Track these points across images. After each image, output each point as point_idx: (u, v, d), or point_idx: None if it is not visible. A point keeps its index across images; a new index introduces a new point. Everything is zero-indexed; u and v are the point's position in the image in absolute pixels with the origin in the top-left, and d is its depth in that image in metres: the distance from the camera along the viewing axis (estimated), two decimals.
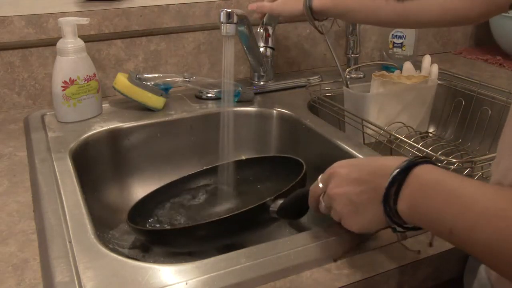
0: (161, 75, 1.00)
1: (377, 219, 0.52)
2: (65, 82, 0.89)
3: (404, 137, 0.84)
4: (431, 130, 1.15)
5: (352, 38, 1.19)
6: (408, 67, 1.03)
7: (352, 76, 1.19)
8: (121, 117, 0.95)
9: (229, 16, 0.84)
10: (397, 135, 0.85)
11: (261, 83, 1.11)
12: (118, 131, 0.92)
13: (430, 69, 1.03)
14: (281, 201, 0.67)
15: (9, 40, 0.96)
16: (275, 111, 1.01)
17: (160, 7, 1.06)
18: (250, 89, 1.05)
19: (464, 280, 0.61)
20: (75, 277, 0.53)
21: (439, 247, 0.58)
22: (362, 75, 1.19)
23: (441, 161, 0.74)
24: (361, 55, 1.24)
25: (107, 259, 0.56)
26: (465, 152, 1.03)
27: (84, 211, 0.65)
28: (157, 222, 0.82)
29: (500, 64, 1.29)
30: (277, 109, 1.01)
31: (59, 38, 0.90)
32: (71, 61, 0.89)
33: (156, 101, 0.96)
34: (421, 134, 1.04)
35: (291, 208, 0.66)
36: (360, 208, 0.53)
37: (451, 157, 0.77)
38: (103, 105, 0.98)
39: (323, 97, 0.99)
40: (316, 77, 1.16)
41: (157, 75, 1.00)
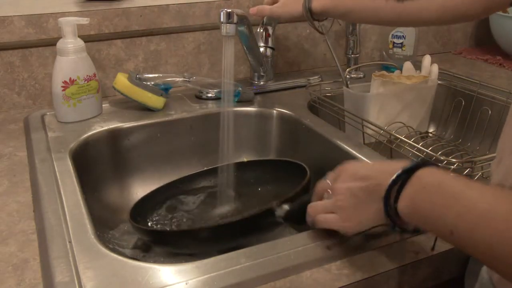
0: (161, 75, 1.00)
1: (375, 216, 0.52)
2: (65, 82, 0.89)
3: (404, 137, 0.84)
4: (431, 130, 1.15)
5: (352, 38, 1.19)
6: (408, 67, 1.03)
7: (352, 76, 1.19)
8: (121, 117, 0.95)
9: (229, 16, 0.84)
10: (397, 135, 0.85)
11: (261, 83, 1.11)
12: (118, 131, 0.92)
13: (430, 69, 1.03)
14: (287, 206, 0.67)
15: (9, 40, 0.96)
16: (275, 111, 1.01)
17: (160, 7, 1.06)
18: (250, 89, 1.05)
19: (465, 281, 0.61)
20: (75, 277, 0.53)
21: (439, 247, 0.58)
22: (362, 75, 1.19)
23: (441, 161, 0.74)
24: (361, 55, 1.24)
25: (107, 259, 0.56)
26: (465, 152, 1.03)
27: (84, 211, 0.65)
28: (157, 222, 0.82)
29: (500, 64, 1.29)
30: (277, 109, 1.01)
31: (59, 38, 0.90)
32: (71, 61, 0.89)
33: (156, 101, 0.96)
34: (421, 134, 1.04)
35: (298, 213, 0.65)
36: (361, 202, 0.53)
37: (451, 157, 0.77)
38: (103, 105, 0.98)
39: (323, 97, 0.99)
40: (316, 77, 1.16)
41: (157, 75, 1.00)
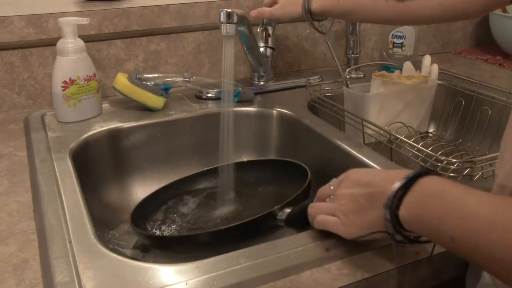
0: (161, 75, 1.00)
1: (376, 223, 0.52)
2: (65, 82, 0.89)
3: (404, 137, 0.84)
4: (431, 130, 1.15)
5: (352, 38, 1.19)
6: (408, 67, 1.03)
7: (352, 76, 1.19)
8: (121, 117, 0.95)
9: (229, 16, 0.84)
10: (397, 135, 0.85)
11: (261, 83, 1.11)
12: (118, 131, 0.92)
13: (430, 69, 1.03)
14: (288, 210, 0.67)
15: (9, 40, 0.96)
16: (275, 111, 1.01)
17: (160, 7, 1.06)
18: (250, 89, 1.05)
19: (466, 281, 0.61)
20: (75, 277, 0.53)
21: (439, 247, 0.58)
22: (362, 75, 1.19)
23: (441, 161, 0.74)
24: (361, 55, 1.24)
25: (107, 259, 0.56)
26: (465, 152, 1.03)
27: (84, 211, 0.65)
28: (158, 224, 0.82)
29: (500, 64, 1.29)
30: (277, 109, 1.01)
31: (59, 38, 0.90)
32: (71, 61, 0.89)
33: (156, 101, 0.96)
34: (421, 134, 1.04)
35: (299, 217, 0.65)
36: (362, 208, 0.53)
37: (451, 157, 0.77)
38: (103, 105, 0.98)
39: (323, 97, 0.99)
40: (316, 77, 1.16)
41: (157, 75, 1.00)
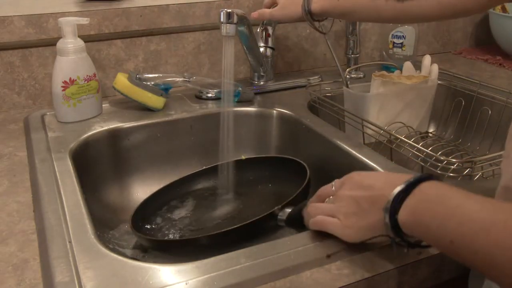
0: (161, 75, 1.00)
1: (375, 226, 0.53)
2: (65, 82, 0.89)
3: (404, 137, 0.84)
4: (431, 130, 1.15)
5: (352, 38, 1.19)
6: (408, 67, 1.03)
7: (352, 76, 1.19)
8: (121, 117, 0.95)
9: (229, 16, 0.84)
10: (397, 135, 0.85)
11: (261, 83, 1.11)
12: (118, 131, 0.92)
13: (430, 69, 1.03)
14: (289, 210, 0.67)
15: (9, 40, 0.96)
16: (275, 111, 1.01)
17: (160, 7, 1.06)
18: (250, 89, 1.05)
19: (469, 283, 0.61)
20: (75, 277, 0.53)
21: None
22: (362, 75, 1.19)
23: (441, 161, 0.74)
24: (361, 55, 1.24)
25: (107, 259, 0.56)
26: (465, 152, 1.03)
27: (84, 211, 0.65)
28: (158, 226, 0.82)
29: (500, 64, 1.29)
30: (277, 109, 1.01)
31: (59, 38, 0.90)
32: (71, 61, 0.89)
33: (156, 101, 0.96)
34: (421, 134, 1.04)
35: (300, 217, 0.64)
36: (362, 211, 0.54)
37: (451, 157, 0.77)
38: (103, 105, 0.98)
39: (323, 97, 0.99)
40: (316, 77, 1.16)
41: (157, 75, 1.00)
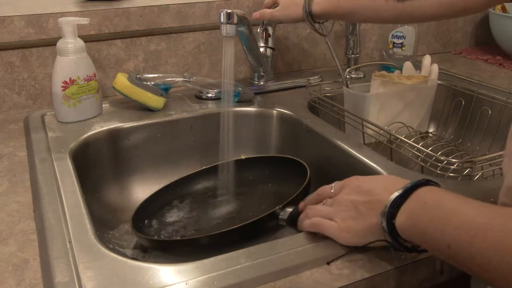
0: (161, 75, 1.00)
1: (372, 230, 0.53)
2: (65, 82, 0.89)
3: (404, 137, 0.84)
4: (431, 130, 1.15)
5: (352, 38, 1.19)
6: (408, 67, 1.03)
7: (352, 76, 1.19)
8: (121, 117, 0.95)
9: (229, 16, 0.84)
10: (397, 135, 0.85)
11: (261, 83, 1.11)
12: (118, 131, 0.92)
13: (430, 69, 1.03)
14: (290, 209, 0.67)
15: (9, 40, 0.96)
16: (275, 111, 1.01)
17: (160, 7, 1.06)
18: (250, 89, 1.05)
19: (471, 286, 0.60)
20: (75, 277, 0.53)
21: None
22: (362, 75, 1.19)
23: (441, 161, 0.74)
24: (361, 55, 1.24)
25: (107, 259, 0.56)
26: (465, 152, 1.03)
27: (84, 211, 0.65)
28: (159, 226, 0.82)
29: (500, 64, 1.29)
30: (277, 109, 1.01)
31: (59, 38, 0.90)
32: (71, 61, 0.89)
33: (156, 101, 0.96)
34: (421, 134, 1.04)
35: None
36: (360, 215, 0.54)
37: (451, 157, 0.77)
38: (103, 105, 0.98)
39: (323, 97, 0.99)
40: (316, 77, 1.16)
41: (157, 75, 1.00)
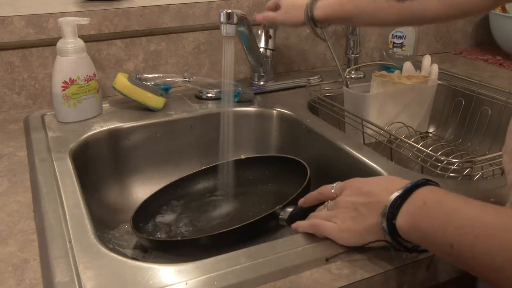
0: (161, 75, 1.00)
1: (372, 230, 0.53)
2: (65, 82, 0.89)
3: (404, 137, 0.84)
4: (431, 130, 1.15)
5: (352, 38, 1.19)
6: (408, 67, 1.03)
7: (352, 76, 1.19)
8: (121, 117, 0.95)
9: (229, 16, 0.84)
10: (397, 135, 0.85)
11: (261, 83, 1.11)
12: (118, 131, 0.92)
13: (430, 69, 1.03)
14: (290, 209, 0.67)
15: (9, 40, 0.96)
16: (275, 111, 1.01)
17: (160, 7, 1.06)
18: (250, 89, 1.05)
19: (478, 286, 0.60)
20: (75, 277, 0.53)
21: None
22: (362, 75, 1.19)
23: (441, 161, 0.74)
24: (361, 55, 1.24)
25: (107, 259, 0.56)
26: (465, 152, 1.03)
27: (84, 211, 0.65)
28: (159, 226, 0.82)
29: (500, 64, 1.29)
30: (277, 109, 1.01)
31: (59, 38, 0.90)
32: (71, 61, 0.89)
33: (156, 101, 0.96)
34: (421, 134, 1.04)
35: (301, 216, 0.65)
36: (360, 216, 0.54)
37: (451, 157, 0.77)
38: (103, 105, 0.98)
39: (323, 97, 0.99)
40: (316, 77, 1.16)
41: (157, 75, 1.00)
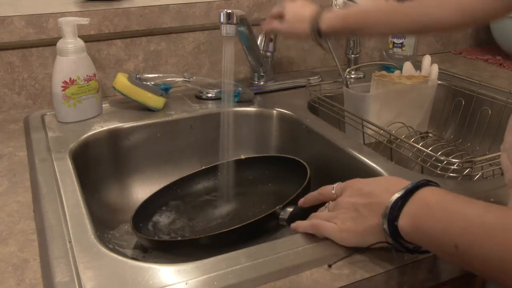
0: (161, 75, 1.00)
1: (372, 231, 0.53)
2: (65, 82, 0.89)
3: (404, 137, 0.84)
4: (431, 130, 1.15)
5: (352, 38, 1.19)
6: (408, 67, 1.03)
7: (352, 76, 1.19)
8: (121, 117, 0.95)
9: (229, 16, 0.84)
10: (397, 135, 0.85)
11: (261, 83, 1.11)
12: (118, 131, 0.92)
13: (430, 69, 1.03)
14: (290, 209, 0.67)
15: (9, 40, 0.96)
16: (275, 111, 1.01)
17: (160, 7, 1.06)
18: (250, 89, 1.05)
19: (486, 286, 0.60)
20: (75, 277, 0.53)
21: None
22: (362, 75, 1.19)
23: (441, 161, 0.74)
24: (361, 55, 1.24)
25: (107, 259, 0.56)
26: (465, 152, 1.03)
27: (84, 211, 0.65)
28: (159, 227, 0.82)
29: (500, 64, 1.29)
30: (277, 109, 1.01)
31: (59, 38, 0.90)
32: (71, 61, 0.89)
33: (156, 101, 0.96)
34: (421, 134, 1.04)
35: (301, 216, 0.65)
36: (361, 217, 0.54)
37: (451, 157, 0.77)
38: (103, 105, 0.98)
39: (323, 97, 0.99)
40: (316, 77, 1.16)
41: (157, 75, 1.00)
